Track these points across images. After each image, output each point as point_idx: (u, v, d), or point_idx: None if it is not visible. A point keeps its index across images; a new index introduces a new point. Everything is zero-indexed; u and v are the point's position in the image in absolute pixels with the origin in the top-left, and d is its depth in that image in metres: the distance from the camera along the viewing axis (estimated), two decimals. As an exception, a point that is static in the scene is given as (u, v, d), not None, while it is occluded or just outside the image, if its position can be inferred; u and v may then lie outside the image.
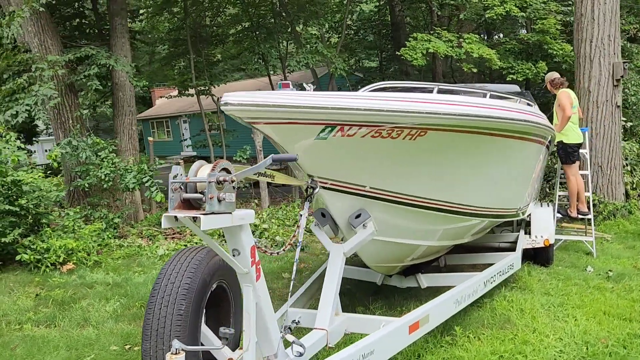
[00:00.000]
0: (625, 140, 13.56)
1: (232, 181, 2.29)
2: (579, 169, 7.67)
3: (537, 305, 4.68)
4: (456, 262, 5.66)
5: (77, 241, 7.05)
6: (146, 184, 8.06)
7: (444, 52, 12.08)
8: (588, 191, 7.78)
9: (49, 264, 6.71)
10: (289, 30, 13.75)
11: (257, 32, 13.66)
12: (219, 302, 3.20)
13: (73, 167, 9.04)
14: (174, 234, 8.81)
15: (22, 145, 7.63)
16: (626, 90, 13.75)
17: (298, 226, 3.13)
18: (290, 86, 2.91)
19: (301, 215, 3.06)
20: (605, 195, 9.41)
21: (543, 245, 6.43)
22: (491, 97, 4.29)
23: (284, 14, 13.81)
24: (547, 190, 11.33)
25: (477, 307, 4.63)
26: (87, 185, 8.43)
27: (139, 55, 15.18)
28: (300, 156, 2.70)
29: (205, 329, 2.95)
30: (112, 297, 5.57)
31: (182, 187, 2.31)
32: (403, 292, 4.72)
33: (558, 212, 7.75)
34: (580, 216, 7.67)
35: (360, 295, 5.02)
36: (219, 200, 2.24)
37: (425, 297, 4.43)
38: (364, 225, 3.22)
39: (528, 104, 4.93)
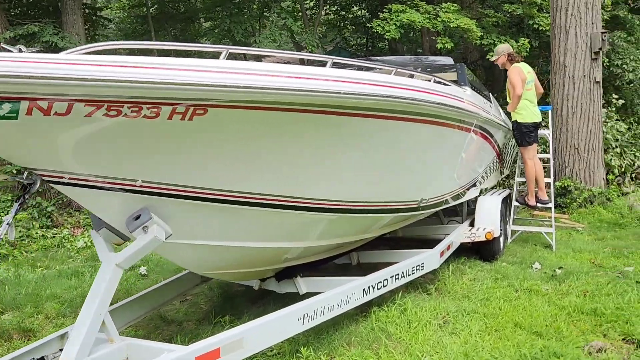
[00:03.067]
0: (622, 120, 12.60)
1: None
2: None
3: (438, 314, 3.98)
4: (370, 260, 4.96)
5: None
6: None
7: (420, 23, 11.17)
8: (551, 177, 6.97)
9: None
10: (256, 3, 12.93)
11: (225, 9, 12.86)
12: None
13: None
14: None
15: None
16: (624, 66, 12.71)
17: None
18: None
19: (5, 221, 2.44)
20: (582, 181, 8.55)
21: (485, 239, 5.69)
22: (397, 73, 3.63)
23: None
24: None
25: (361, 317, 3.93)
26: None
27: (110, 34, 14.57)
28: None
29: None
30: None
31: None
32: (282, 298, 4.06)
33: (516, 200, 6.97)
34: (539, 205, 6.88)
35: (239, 301, 4.38)
36: None
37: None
38: (144, 228, 2.56)
39: (444, 83, 4.19)
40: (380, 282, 3.86)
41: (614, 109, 11.58)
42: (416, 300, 4.36)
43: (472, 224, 6.01)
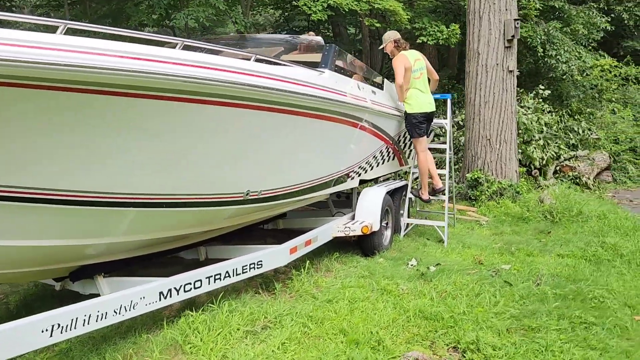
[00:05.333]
0: (555, 112, 12.46)
1: None
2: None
3: (258, 318, 3.59)
4: (221, 255, 4.55)
5: None
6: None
7: (348, 5, 10.73)
8: (446, 169, 6.67)
9: None
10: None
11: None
12: None
13: None
14: None
15: None
16: (558, 57, 12.55)
17: None
18: None
19: None
20: (493, 173, 8.30)
21: (361, 233, 5.35)
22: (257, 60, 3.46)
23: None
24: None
25: (156, 325, 3.50)
26: None
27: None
28: None
29: None
30: None
31: None
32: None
33: (411, 192, 6.66)
34: (432, 198, 6.58)
35: (39, 304, 3.92)
36: None
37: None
38: None
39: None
40: (190, 283, 3.45)
41: (540, 100, 11.41)
42: (249, 301, 3.97)
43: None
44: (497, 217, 7.75)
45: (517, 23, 7.87)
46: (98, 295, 3.47)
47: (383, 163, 6.33)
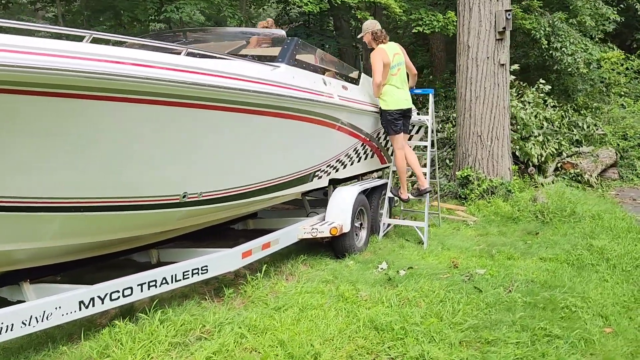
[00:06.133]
0: (560, 106, 12.02)
1: None
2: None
3: (191, 329, 3.38)
4: (174, 258, 4.34)
5: None
6: None
7: (338, -3, 10.47)
8: (427, 167, 6.39)
9: None
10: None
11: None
12: None
13: None
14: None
15: None
16: (563, 49, 12.09)
17: None
18: None
19: None
20: (484, 171, 7.97)
21: (330, 235, 5.12)
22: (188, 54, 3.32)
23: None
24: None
25: (81, 336, 3.31)
26: None
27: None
28: None
29: None
30: None
31: None
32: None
33: (390, 191, 6.39)
34: (412, 197, 6.30)
35: None
36: None
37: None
38: None
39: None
40: (119, 291, 3.26)
41: (541, 95, 10.99)
42: (191, 309, 3.76)
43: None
44: (486, 216, 7.44)
45: (509, 14, 7.51)
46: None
47: (359, 161, 6.08)
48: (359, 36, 6.19)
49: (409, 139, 6.58)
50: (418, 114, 7.41)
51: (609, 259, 5.25)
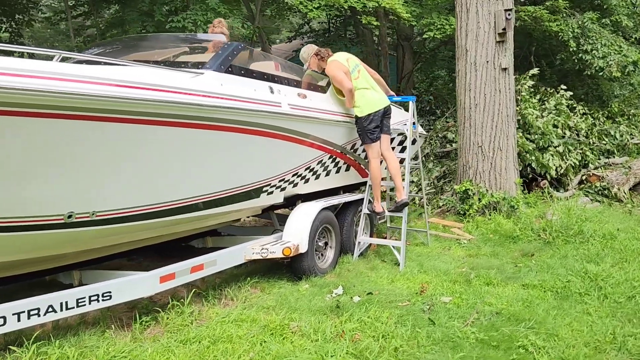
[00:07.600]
0: (590, 113, 11.07)
1: None
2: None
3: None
4: (97, 280, 4.02)
5: None
6: None
7: (345, 3, 10.10)
8: (406, 180, 5.85)
9: None
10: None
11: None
12: None
13: None
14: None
15: None
16: (594, 52, 11.18)
17: None
18: None
19: None
20: (485, 184, 7.31)
21: (282, 256, 4.70)
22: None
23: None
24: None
25: None
26: None
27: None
28: None
29: None
30: None
31: None
32: None
33: (367, 207, 5.89)
34: (387, 214, 5.78)
35: None
36: None
37: None
38: None
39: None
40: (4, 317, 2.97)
41: (568, 101, 10.13)
42: (91, 339, 3.43)
43: None
44: (483, 234, 6.78)
45: (509, 14, 6.87)
46: None
47: (328, 175, 5.63)
48: (304, 68, 5.79)
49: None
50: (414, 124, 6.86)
51: (602, 287, 4.56)
